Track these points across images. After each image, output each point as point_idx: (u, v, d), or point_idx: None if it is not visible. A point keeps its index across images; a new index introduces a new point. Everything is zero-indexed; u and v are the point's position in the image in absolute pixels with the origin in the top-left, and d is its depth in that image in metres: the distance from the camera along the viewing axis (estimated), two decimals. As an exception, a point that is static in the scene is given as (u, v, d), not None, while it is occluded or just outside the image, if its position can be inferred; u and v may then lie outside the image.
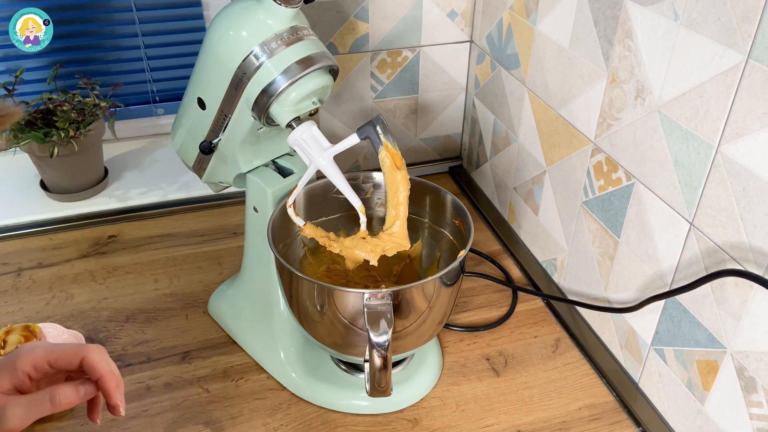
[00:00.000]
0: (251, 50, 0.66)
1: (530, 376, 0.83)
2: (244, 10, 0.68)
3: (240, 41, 0.67)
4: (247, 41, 0.67)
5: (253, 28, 0.67)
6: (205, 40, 0.71)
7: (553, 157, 0.91)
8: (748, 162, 0.58)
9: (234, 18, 0.68)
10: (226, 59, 0.68)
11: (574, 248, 0.90)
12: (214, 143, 0.75)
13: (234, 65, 0.67)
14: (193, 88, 0.75)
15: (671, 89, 0.66)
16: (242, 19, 0.67)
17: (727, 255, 0.62)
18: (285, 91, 0.67)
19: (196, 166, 0.83)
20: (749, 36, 0.55)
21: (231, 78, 0.69)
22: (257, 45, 0.66)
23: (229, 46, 0.68)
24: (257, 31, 0.67)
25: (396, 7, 1.06)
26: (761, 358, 0.60)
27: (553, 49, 0.87)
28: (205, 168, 0.82)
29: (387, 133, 0.69)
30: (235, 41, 0.67)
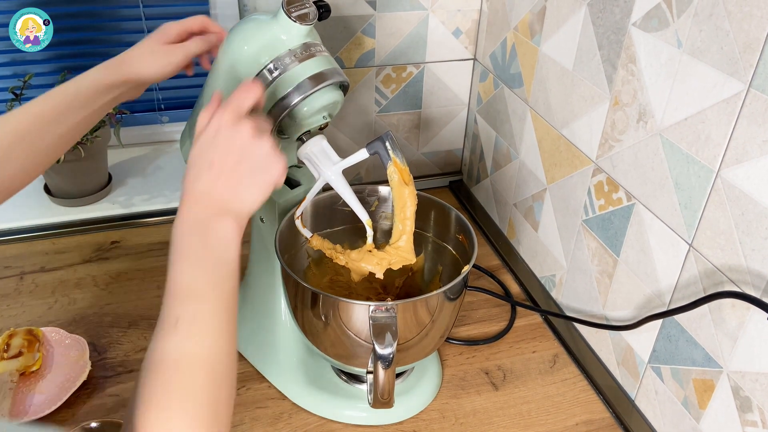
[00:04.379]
0: (265, 65, 0.68)
1: (528, 391, 0.84)
2: (259, 26, 0.69)
3: (254, 56, 0.69)
4: (261, 56, 0.68)
5: (267, 43, 0.68)
6: (219, 53, 0.72)
7: (554, 176, 0.93)
8: (747, 187, 0.60)
9: (249, 33, 0.69)
10: (240, 72, 0.70)
11: (573, 265, 0.91)
12: None
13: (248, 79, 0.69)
14: (206, 98, 0.76)
15: (673, 114, 0.68)
16: (257, 34, 0.69)
17: (725, 277, 0.64)
18: (297, 105, 0.68)
19: None
20: (751, 66, 0.57)
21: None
22: (271, 60, 0.68)
23: (244, 60, 0.69)
24: (271, 47, 0.68)
25: (402, 24, 1.08)
26: (757, 379, 0.62)
27: (557, 71, 0.89)
28: None
29: (396, 149, 0.71)
30: (249, 55, 0.69)
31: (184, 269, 0.50)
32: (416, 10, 1.08)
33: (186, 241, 0.51)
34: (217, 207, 0.52)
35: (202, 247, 0.51)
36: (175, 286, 0.49)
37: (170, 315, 0.48)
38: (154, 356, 0.47)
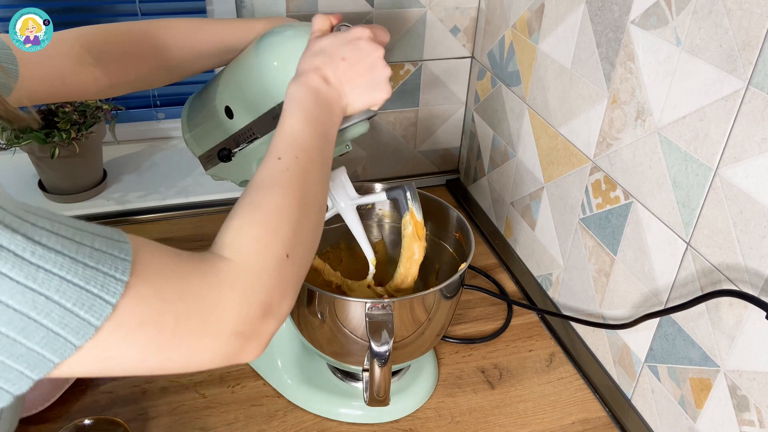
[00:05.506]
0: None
1: (524, 390, 0.84)
2: (297, 45, 0.64)
3: (289, 78, 0.62)
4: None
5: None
6: (248, 58, 0.68)
7: (552, 174, 0.93)
8: (745, 185, 0.60)
9: (286, 51, 0.65)
10: (270, 90, 0.65)
11: (570, 264, 0.91)
12: (233, 152, 0.74)
13: (278, 99, 0.64)
14: (224, 95, 0.72)
15: (671, 112, 0.68)
16: (294, 55, 0.64)
17: (722, 275, 0.64)
18: None
19: (205, 158, 0.82)
20: (750, 63, 0.57)
21: (271, 107, 0.66)
22: None
23: (277, 80, 0.64)
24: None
25: (400, 21, 1.08)
26: (754, 378, 0.62)
27: (555, 69, 0.88)
28: (214, 165, 0.81)
29: (416, 202, 0.73)
30: (284, 76, 0.63)
31: (300, 122, 0.55)
32: (414, 7, 1.07)
33: (310, 102, 0.56)
34: (338, 94, 0.59)
35: (321, 114, 0.57)
36: (288, 130, 0.54)
37: (276, 151, 0.53)
38: (252, 182, 0.51)
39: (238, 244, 0.45)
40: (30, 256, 0.33)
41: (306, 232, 0.51)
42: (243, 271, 0.44)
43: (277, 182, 0.51)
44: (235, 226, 0.47)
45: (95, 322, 0.34)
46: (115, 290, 0.35)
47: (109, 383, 0.81)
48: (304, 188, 0.52)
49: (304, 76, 0.58)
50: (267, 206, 0.48)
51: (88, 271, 0.34)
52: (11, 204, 0.34)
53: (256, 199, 0.49)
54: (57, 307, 0.33)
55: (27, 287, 0.33)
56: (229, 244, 0.45)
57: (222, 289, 0.42)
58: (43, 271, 0.33)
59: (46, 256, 0.33)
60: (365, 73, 0.59)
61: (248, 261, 0.44)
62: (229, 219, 0.48)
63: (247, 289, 0.43)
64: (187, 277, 0.41)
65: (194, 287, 0.41)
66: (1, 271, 0.32)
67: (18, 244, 0.32)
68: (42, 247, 0.33)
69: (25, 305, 0.33)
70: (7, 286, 0.32)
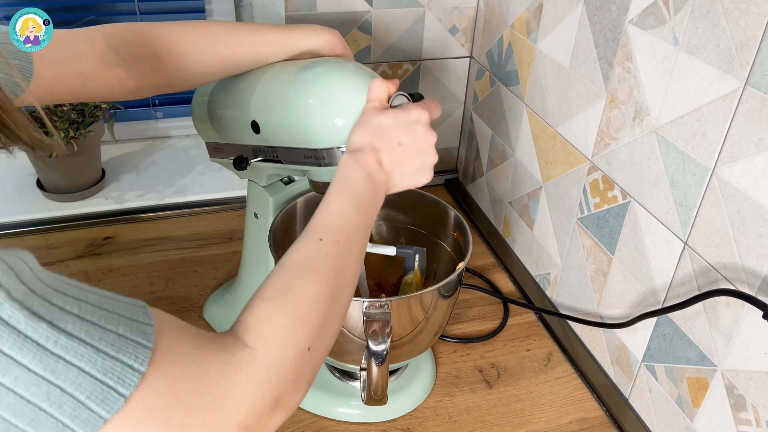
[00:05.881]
0: (342, 147, 0.61)
1: (522, 389, 0.84)
2: (336, 84, 0.62)
3: (334, 130, 0.61)
4: (342, 135, 0.61)
5: (351, 124, 0.60)
6: (284, 88, 0.64)
7: (550, 174, 0.93)
8: (743, 185, 0.60)
9: (324, 91, 0.62)
10: (304, 126, 0.62)
11: (568, 264, 0.91)
12: (250, 163, 0.71)
13: (316, 144, 0.62)
14: (254, 111, 0.68)
15: (669, 111, 0.68)
16: (332, 94, 0.61)
17: (719, 275, 0.64)
18: None
19: (213, 148, 0.79)
20: (747, 63, 0.57)
21: (307, 149, 0.64)
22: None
23: (312, 117, 0.62)
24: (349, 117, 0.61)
25: (399, 20, 1.08)
26: (751, 377, 0.62)
27: (553, 68, 0.89)
28: (222, 158, 0.79)
29: (423, 266, 0.76)
30: (328, 126, 0.61)
31: (348, 205, 0.54)
32: (413, 7, 1.07)
33: (361, 185, 0.55)
34: (387, 178, 0.58)
35: (369, 198, 0.56)
36: (335, 210, 0.54)
37: (316, 231, 0.52)
38: (288, 258, 0.49)
39: (263, 332, 0.43)
40: (53, 346, 0.32)
41: (332, 325, 0.49)
42: (263, 363, 0.42)
43: (314, 268, 0.49)
44: (263, 310, 0.45)
45: (105, 415, 0.34)
46: (131, 382, 0.35)
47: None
48: (339, 276, 0.50)
49: (361, 154, 0.56)
50: (299, 293, 0.47)
51: (107, 362, 0.34)
52: (42, 284, 0.34)
53: (289, 283, 0.47)
54: (70, 399, 0.33)
55: (44, 379, 0.32)
56: (254, 330, 0.43)
57: (238, 382, 0.41)
58: (63, 362, 0.33)
59: (68, 345, 0.33)
60: (416, 158, 0.59)
61: (270, 352, 0.43)
62: (257, 297, 0.46)
63: (262, 383, 0.42)
64: (206, 366, 0.39)
65: (211, 378, 0.39)
66: (21, 363, 0.31)
67: (42, 334, 0.32)
68: (66, 336, 0.33)
69: (39, 397, 0.32)
70: (25, 377, 0.32)
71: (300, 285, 0.47)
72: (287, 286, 0.47)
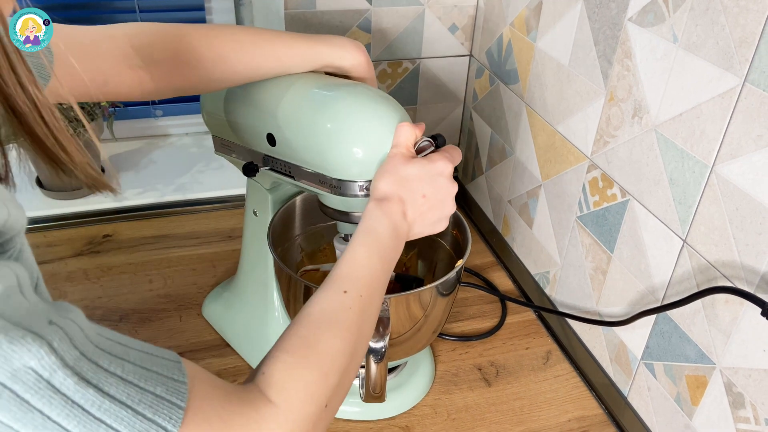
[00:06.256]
0: (361, 182, 0.62)
1: (521, 387, 0.84)
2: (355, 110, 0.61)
3: (352, 161, 0.61)
4: (363, 170, 0.61)
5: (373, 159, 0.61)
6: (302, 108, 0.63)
7: (549, 172, 0.93)
8: (742, 182, 0.60)
9: (341, 116, 0.61)
10: (327, 159, 0.62)
11: (567, 262, 0.91)
12: (260, 170, 0.70)
13: (333, 173, 0.62)
14: (271, 123, 0.66)
15: (668, 109, 0.68)
16: (350, 120, 0.61)
17: (718, 272, 0.64)
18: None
19: (219, 143, 0.78)
20: (746, 60, 0.57)
21: (324, 176, 0.64)
22: (369, 178, 0.62)
23: (338, 154, 0.61)
24: (377, 166, 0.61)
25: (398, 19, 1.08)
26: (750, 375, 0.62)
27: (553, 66, 0.88)
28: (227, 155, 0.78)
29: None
30: (346, 156, 0.61)
31: (373, 257, 0.55)
32: (412, 5, 1.07)
33: (387, 237, 0.56)
34: (409, 228, 0.59)
35: (393, 249, 0.57)
36: (360, 262, 0.54)
37: (341, 283, 0.52)
38: (312, 308, 0.50)
39: (287, 389, 0.44)
40: (96, 410, 0.34)
41: (348, 380, 0.50)
42: (284, 421, 0.43)
43: (337, 322, 0.49)
44: (287, 364, 0.45)
45: None
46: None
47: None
48: (361, 330, 0.51)
49: (387, 205, 0.57)
50: (323, 349, 0.47)
51: (144, 424, 0.35)
52: (91, 345, 0.35)
53: (313, 337, 0.48)
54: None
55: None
56: (278, 386, 0.44)
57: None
58: (104, 426, 0.34)
59: (111, 409, 0.34)
60: (437, 210, 0.60)
61: (292, 410, 0.44)
62: (282, 349, 0.46)
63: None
64: (232, 424, 0.41)
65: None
66: (67, 429, 0.33)
67: (89, 399, 0.33)
68: (110, 400, 0.34)
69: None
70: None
71: (324, 340, 0.48)
72: (311, 340, 0.47)
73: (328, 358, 0.47)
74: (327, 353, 0.47)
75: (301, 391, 0.44)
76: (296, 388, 0.44)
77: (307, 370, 0.46)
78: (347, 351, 0.49)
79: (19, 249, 0.35)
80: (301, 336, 0.47)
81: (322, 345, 0.47)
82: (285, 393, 0.44)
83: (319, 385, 0.46)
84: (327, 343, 0.48)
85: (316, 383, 0.45)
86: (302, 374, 0.45)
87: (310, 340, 0.47)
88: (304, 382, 0.45)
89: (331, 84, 0.64)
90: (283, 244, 0.81)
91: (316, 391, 0.45)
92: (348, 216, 0.66)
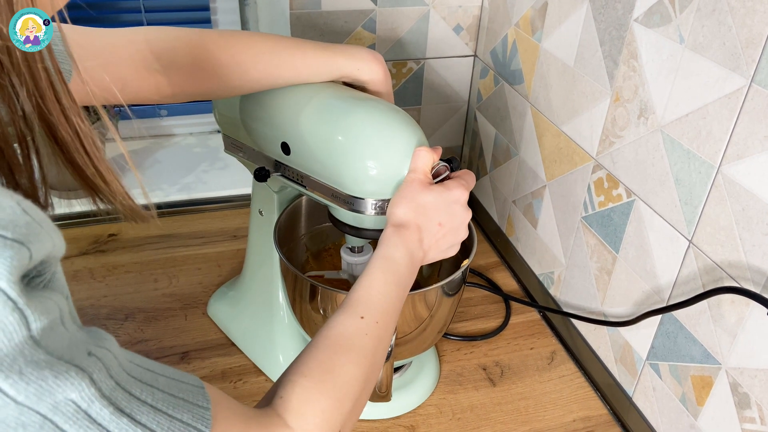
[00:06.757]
0: (372, 199, 0.62)
1: (526, 387, 0.84)
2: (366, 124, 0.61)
3: (366, 177, 0.61)
4: (376, 187, 0.61)
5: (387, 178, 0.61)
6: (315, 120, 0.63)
7: (554, 172, 0.93)
8: (748, 183, 0.60)
9: (353, 129, 0.61)
10: (342, 173, 0.62)
11: (571, 262, 0.91)
12: (272, 176, 0.70)
13: (348, 189, 0.62)
14: (285, 132, 0.66)
15: (674, 110, 0.68)
16: (362, 134, 0.61)
17: (724, 273, 0.64)
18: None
19: (230, 143, 0.78)
20: (753, 61, 0.57)
21: (336, 191, 0.64)
22: (382, 197, 0.62)
23: (353, 169, 0.61)
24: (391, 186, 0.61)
25: (403, 19, 1.08)
26: (755, 375, 0.62)
27: (558, 67, 0.89)
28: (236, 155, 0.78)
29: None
30: (361, 172, 0.61)
31: (390, 284, 0.56)
32: (417, 5, 1.07)
33: (404, 265, 0.57)
34: (424, 254, 0.60)
35: (409, 277, 0.58)
36: (377, 288, 0.55)
37: (358, 308, 0.53)
38: (330, 332, 0.50)
39: (304, 414, 0.45)
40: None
41: (361, 406, 0.51)
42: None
43: (354, 348, 0.50)
44: (305, 388, 0.46)
45: None
46: None
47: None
48: (375, 357, 0.52)
49: (405, 232, 0.58)
50: (339, 374, 0.48)
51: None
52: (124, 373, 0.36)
53: (330, 362, 0.48)
54: None
55: None
56: (295, 411, 0.45)
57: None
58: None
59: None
60: (451, 237, 0.61)
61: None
62: (299, 373, 0.47)
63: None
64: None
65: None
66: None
67: (122, 428, 0.34)
68: (141, 428, 0.35)
69: None
70: None
71: (340, 365, 0.49)
72: (329, 365, 0.48)
73: (345, 385, 0.48)
74: (343, 379, 0.48)
75: (318, 416, 0.46)
76: (313, 413, 0.45)
77: (324, 395, 0.47)
78: (362, 378, 0.49)
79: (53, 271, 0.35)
80: (319, 360, 0.48)
81: (338, 370, 0.48)
82: (302, 419, 0.45)
83: (334, 411, 0.47)
84: (343, 368, 0.49)
85: (331, 410, 0.46)
86: (319, 400, 0.46)
87: (327, 365, 0.48)
88: (321, 408, 0.46)
89: (348, 97, 0.64)
90: (289, 244, 0.81)
91: (332, 417, 0.46)
92: (358, 231, 0.66)
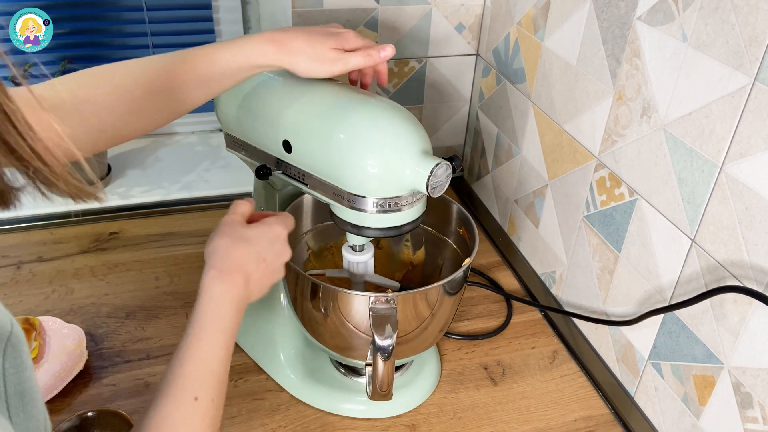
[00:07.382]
0: (373, 197, 0.62)
1: (527, 387, 0.84)
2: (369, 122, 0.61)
3: (369, 179, 0.61)
4: (377, 185, 0.62)
5: (392, 178, 0.61)
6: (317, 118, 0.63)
7: (556, 171, 0.93)
8: (751, 181, 0.59)
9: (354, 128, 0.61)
10: (343, 172, 0.62)
11: (573, 262, 0.91)
12: (273, 174, 0.70)
13: (348, 188, 0.63)
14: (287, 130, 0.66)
15: (677, 108, 0.67)
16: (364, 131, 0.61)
17: (727, 272, 0.64)
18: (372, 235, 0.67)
19: (231, 141, 0.77)
20: (756, 59, 0.57)
21: (337, 189, 0.64)
22: (383, 195, 0.62)
23: (353, 167, 0.61)
24: (393, 185, 0.62)
25: (405, 18, 1.08)
26: (758, 374, 0.61)
27: (560, 65, 0.88)
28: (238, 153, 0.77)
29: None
30: (361, 169, 0.61)
31: (220, 348, 0.54)
32: (419, 4, 1.07)
33: (231, 314, 0.55)
34: (249, 294, 0.58)
35: (237, 324, 0.56)
36: (206, 360, 0.53)
37: (192, 386, 0.51)
38: (161, 419, 0.48)
39: None
40: None
41: None
42: None
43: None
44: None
45: None
46: None
47: (112, 376, 0.81)
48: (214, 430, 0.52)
49: (228, 276, 0.56)
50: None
51: None
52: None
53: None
54: None
55: None
56: None
57: None
58: None
59: None
60: (273, 275, 0.61)
61: None
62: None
63: None
64: None
65: None
66: None
67: None
68: None
69: None
70: None
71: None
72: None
73: None
74: None
75: None
76: None
77: None
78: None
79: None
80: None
81: None
82: None
83: None
84: None
85: None
86: None
87: None
88: None
89: (350, 95, 0.64)
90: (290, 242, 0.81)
91: None
92: (359, 229, 0.66)
